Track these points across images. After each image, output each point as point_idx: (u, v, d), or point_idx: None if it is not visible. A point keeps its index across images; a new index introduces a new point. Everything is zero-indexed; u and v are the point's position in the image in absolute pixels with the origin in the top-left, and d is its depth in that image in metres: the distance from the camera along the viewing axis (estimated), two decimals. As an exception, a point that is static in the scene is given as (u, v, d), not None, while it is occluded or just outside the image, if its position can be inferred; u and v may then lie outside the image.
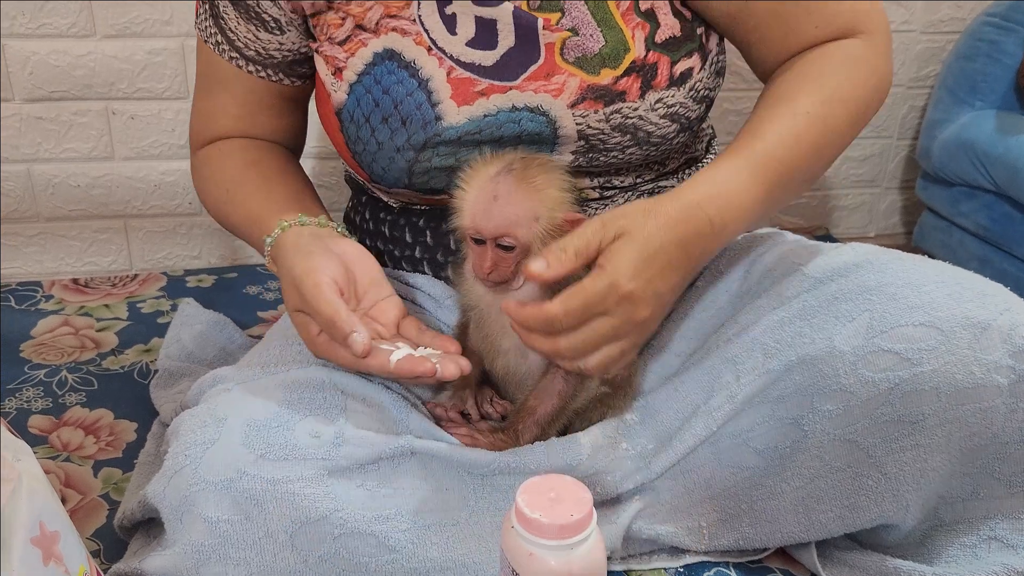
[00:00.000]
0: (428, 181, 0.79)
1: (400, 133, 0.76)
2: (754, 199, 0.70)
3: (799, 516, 0.74)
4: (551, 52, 0.75)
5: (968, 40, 1.42)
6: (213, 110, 0.88)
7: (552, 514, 0.56)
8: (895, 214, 1.69)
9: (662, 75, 0.76)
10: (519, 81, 0.75)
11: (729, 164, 0.71)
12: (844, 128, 0.75)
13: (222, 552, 0.64)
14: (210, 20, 0.83)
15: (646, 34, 0.75)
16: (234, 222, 0.86)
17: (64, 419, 0.99)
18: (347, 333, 0.66)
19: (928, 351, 0.67)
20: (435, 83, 0.75)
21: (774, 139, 0.72)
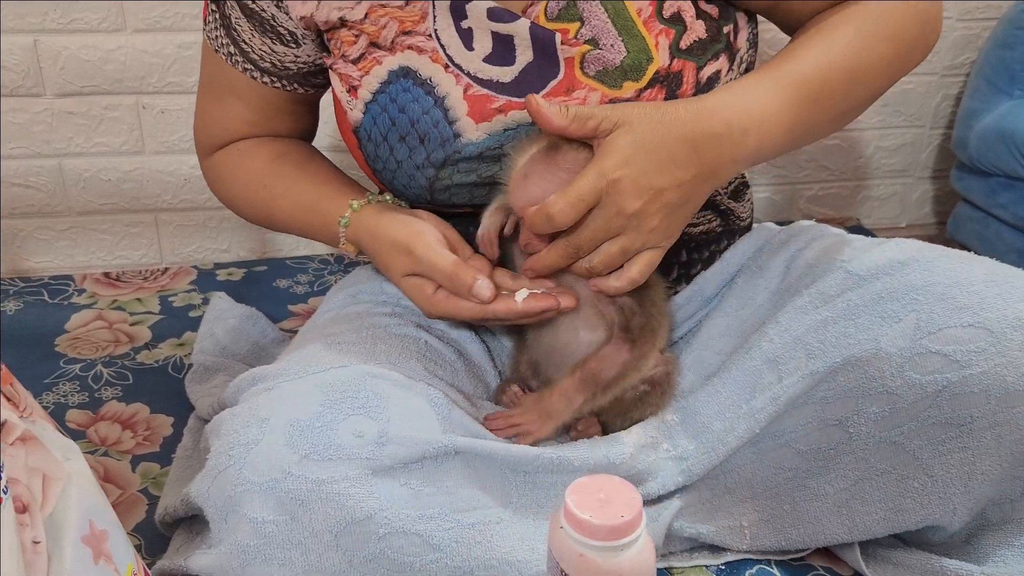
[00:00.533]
0: (450, 197, 0.78)
1: (419, 151, 0.75)
2: (779, 111, 0.70)
3: (842, 518, 0.73)
4: (571, 66, 0.73)
5: (1007, 28, 1.39)
6: (224, 117, 0.87)
7: (602, 515, 0.56)
8: (927, 204, 1.67)
9: (688, 83, 0.74)
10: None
11: (753, 78, 0.71)
12: (883, 65, 0.74)
13: (267, 553, 0.64)
14: (221, 31, 0.81)
15: (671, 40, 0.73)
16: (279, 216, 0.85)
17: (101, 413, 1.00)
18: (470, 283, 0.69)
19: (977, 353, 0.66)
20: (451, 100, 0.74)
21: (806, 61, 0.71)
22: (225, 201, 0.92)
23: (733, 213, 0.87)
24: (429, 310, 0.74)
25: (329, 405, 0.66)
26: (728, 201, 0.86)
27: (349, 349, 0.73)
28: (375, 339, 0.75)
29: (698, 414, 0.77)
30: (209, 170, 0.91)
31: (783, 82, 0.71)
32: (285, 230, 0.88)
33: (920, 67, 1.52)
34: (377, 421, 0.66)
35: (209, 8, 0.82)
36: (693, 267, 0.86)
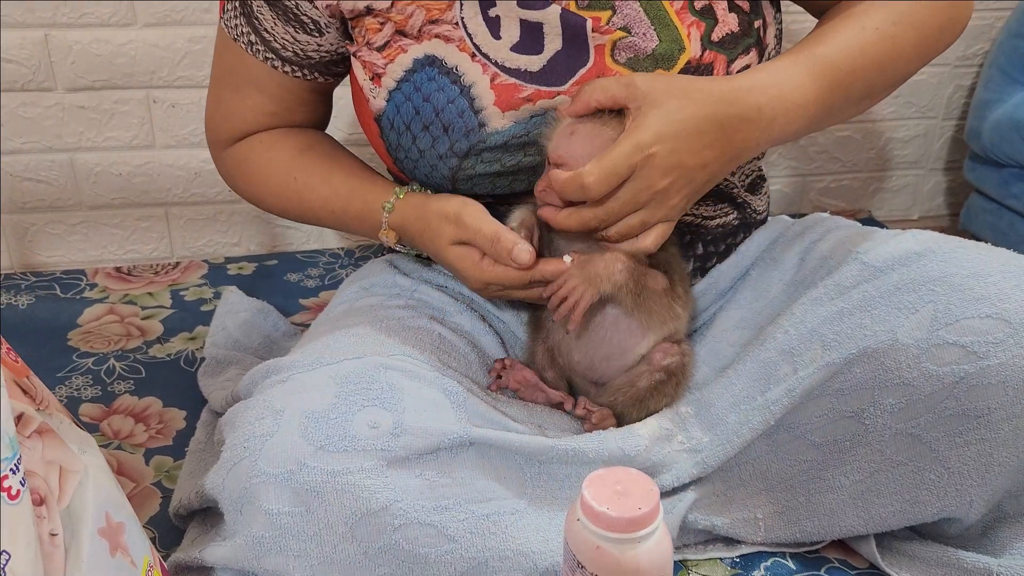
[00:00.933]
0: (472, 187, 0.78)
1: (442, 141, 0.75)
2: (808, 99, 0.70)
3: (858, 510, 0.73)
4: (601, 55, 0.73)
5: (1020, 17, 1.38)
6: (243, 108, 0.86)
7: (619, 507, 0.56)
8: (939, 196, 1.66)
9: (718, 75, 0.74)
10: (567, 86, 0.73)
11: (787, 61, 0.71)
12: (911, 51, 0.75)
13: (282, 544, 0.64)
14: (241, 19, 0.81)
15: (702, 32, 0.73)
16: (311, 205, 0.85)
17: (114, 407, 1.00)
18: (510, 247, 0.70)
19: (995, 344, 0.66)
20: (478, 89, 0.73)
21: (837, 46, 0.72)
22: (245, 193, 0.91)
23: (750, 206, 0.86)
24: (477, 276, 0.74)
25: (343, 396, 0.66)
26: (745, 194, 0.86)
27: (363, 341, 0.73)
28: (389, 331, 0.75)
29: (713, 406, 0.76)
30: (227, 162, 0.90)
31: (816, 69, 0.71)
32: (315, 220, 0.87)
33: (932, 58, 1.52)
34: (392, 412, 0.66)
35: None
36: (709, 260, 0.86)
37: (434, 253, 0.77)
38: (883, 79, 0.75)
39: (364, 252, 1.39)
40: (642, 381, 0.76)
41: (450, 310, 0.82)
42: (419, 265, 0.88)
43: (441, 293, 0.83)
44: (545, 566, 0.67)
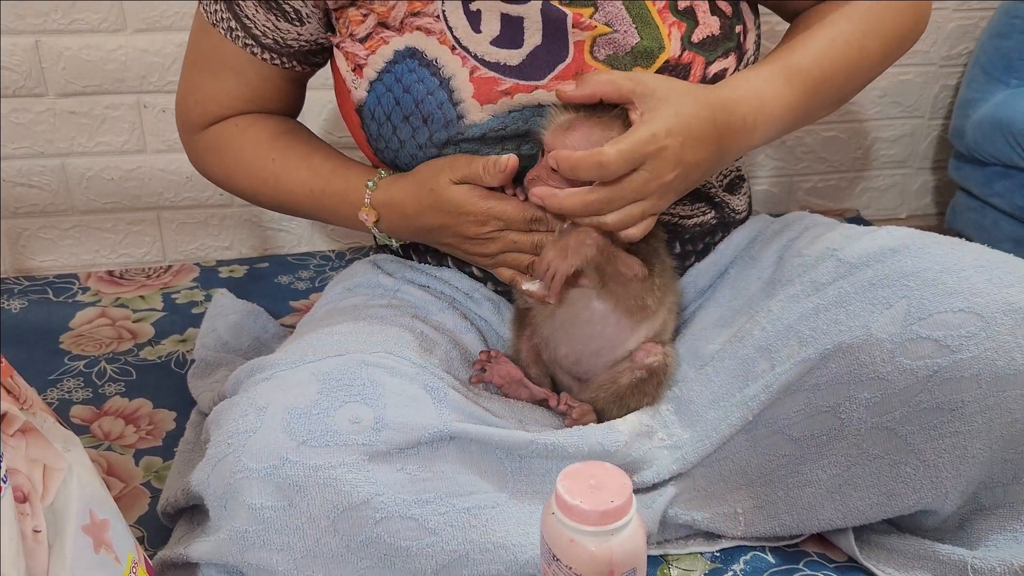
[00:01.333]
0: None
1: (422, 131, 0.76)
2: (784, 109, 0.75)
3: (836, 503, 0.74)
4: (580, 50, 0.74)
5: (1003, 18, 1.39)
6: (217, 93, 0.86)
7: (593, 501, 0.57)
8: (927, 195, 1.67)
9: (694, 76, 0.75)
10: (546, 81, 0.74)
11: (765, 72, 0.75)
12: (877, 57, 0.80)
13: (266, 538, 0.65)
14: (221, 4, 0.81)
15: (683, 33, 0.75)
16: (288, 187, 0.85)
17: (104, 409, 1.01)
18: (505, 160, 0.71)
19: (968, 338, 0.66)
20: (457, 82, 0.74)
21: (810, 57, 0.77)
22: (217, 175, 0.91)
23: (728, 206, 0.87)
24: (481, 208, 0.74)
25: (326, 393, 0.67)
26: (723, 194, 0.87)
27: (345, 339, 0.74)
28: (371, 329, 0.76)
29: (692, 403, 0.77)
30: (198, 144, 0.90)
31: (792, 80, 0.75)
32: (290, 204, 0.87)
33: (918, 58, 1.53)
34: (373, 408, 0.67)
35: None
36: (687, 259, 0.87)
37: (433, 205, 0.76)
38: (852, 85, 0.80)
39: (354, 255, 1.40)
40: (624, 378, 0.77)
41: (432, 308, 0.82)
42: (402, 265, 0.89)
43: (423, 292, 0.84)
44: (525, 559, 0.68)
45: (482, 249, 0.77)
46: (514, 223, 0.74)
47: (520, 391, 0.81)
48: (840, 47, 0.77)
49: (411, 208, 0.78)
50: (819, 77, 0.76)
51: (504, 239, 0.75)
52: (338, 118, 1.33)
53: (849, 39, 0.77)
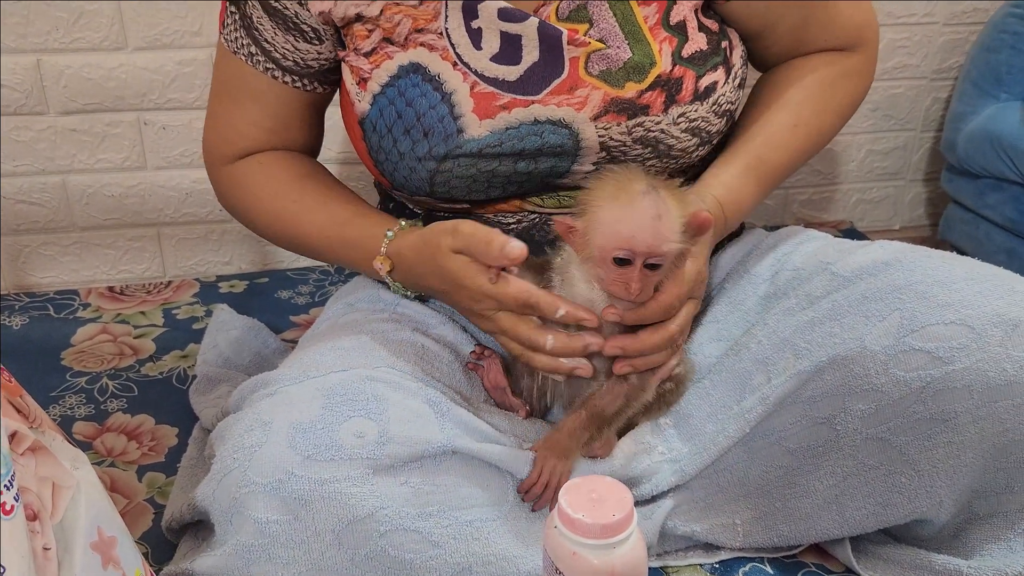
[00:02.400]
0: (449, 191, 0.80)
1: (421, 144, 0.77)
2: (754, 200, 0.84)
3: (833, 513, 0.75)
4: (575, 66, 0.76)
5: (992, 32, 1.42)
6: (240, 123, 0.88)
7: (594, 514, 0.58)
8: (920, 207, 1.69)
9: (687, 89, 0.77)
10: (542, 95, 0.76)
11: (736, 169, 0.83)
12: (830, 133, 0.88)
13: (271, 552, 0.66)
14: (241, 31, 0.83)
15: (673, 48, 0.77)
16: (306, 230, 0.86)
17: (107, 425, 1.02)
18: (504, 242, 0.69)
19: (960, 349, 0.68)
20: (458, 96, 0.76)
21: (772, 145, 0.84)
22: (238, 212, 0.92)
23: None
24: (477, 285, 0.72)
25: (330, 408, 0.68)
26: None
27: (348, 354, 0.75)
28: (373, 344, 0.77)
29: (691, 417, 0.79)
30: (224, 180, 0.91)
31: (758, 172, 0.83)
32: (305, 246, 0.88)
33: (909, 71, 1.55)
34: (377, 423, 0.68)
35: (227, 11, 0.83)
36: None
37: (434, 271, 0.75)
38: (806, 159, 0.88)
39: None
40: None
41: (432, 322, 0.84)
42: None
43: (423, 306, 0.85)
44: (526, 570, 0.69)
45: (479, 323, 0.76)
46: (506, 305, 0.72)
47: (502, 398, 0.82)
48: (800, 133, 0.84)
49: (416, 266, 0.78)
50: (781, 164, 0.85)
51: (497, 322, 0.73)
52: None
53: (809, 122, 0.85)
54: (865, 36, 0.87)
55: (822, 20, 0.84)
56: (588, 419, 0.74)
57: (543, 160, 0.77)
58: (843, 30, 0.85)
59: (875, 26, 0.88)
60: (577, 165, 0.79)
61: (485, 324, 0.75)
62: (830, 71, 0.85)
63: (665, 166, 0.80)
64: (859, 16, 0.86)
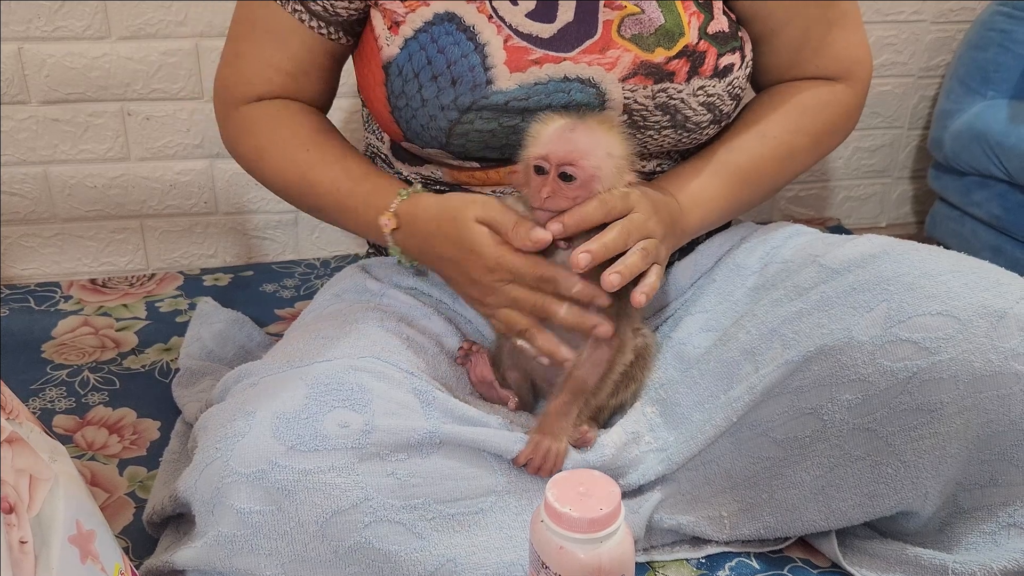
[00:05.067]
0: (465, 144, 0.80)
1: (447, 92, 0.77)
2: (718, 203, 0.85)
3: (819, 505, 0.75)
4: (608, 28, 0.78)
5: (979, 30, 1.42)
6: (261, 65, 0.86)
7: (581, 508, 0.57)
8: (906, 204, 1.69)
9: (708, 64, 0.79)
10: (574, 53, 0.77)
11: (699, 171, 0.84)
12: (806, 156, 0.89)
13: (254, 543, 0.65)
14: None
15: (700, 23, 0.79)
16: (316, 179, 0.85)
17: (88, 418, 1.00)
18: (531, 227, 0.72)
19: (945, 340, 0.68)
20: (491, 48, 0.77)
21: (738, 150, 0.85)
22: (248, 158, 0.90)
23: None
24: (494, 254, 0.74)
25: (314, 398, 0.67)
26: None
27: (333, 344, 0.74)
28: (358, 334, 0.76)
29: (678, 406, 0.79)
30: (236, 123, 0.90)
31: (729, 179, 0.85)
32: (311, 197, 0.87)
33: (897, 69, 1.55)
34: (361, 413, 0.67)
35: None
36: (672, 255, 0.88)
37: (449, 236, 0.76)
38: (782, 178, 0.88)
39: (339, 263, 1.40)
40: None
41: (417, 314, 0.83)
42: (390, 269, 0.89)
43: (409, 297, 0.85)
44: (509, 559, 0.69)
45: (482, 296, 0.77)
46: (523, 278, 0.74)
47: (490, 392, 0.81)
48: (770, 144, 0.86)
49: (430, 229, 0.78)
50: (752, 171, 0.85)
51: (507, 293, 0.75)
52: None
53: (779, 136, 0.86)
54: (855, 72, 0.88)
55: (818, 41, 0.86)
56: (573, 393, 0.74)
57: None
58: (835, 60, 0.87)
59: (868, 66, 0.90)
60: None
61: (491, 298, 0.76)
62: (812, 96, 0.87)
63: (678, 137, 0.82)
64: (854, 51, 0.88)
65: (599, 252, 0.72)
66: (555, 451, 0.73)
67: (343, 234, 1.45)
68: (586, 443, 0.76)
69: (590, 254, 0.71)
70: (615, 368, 0.76)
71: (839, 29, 0.86)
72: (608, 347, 0.75)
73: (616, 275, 0.71)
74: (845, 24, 0.86)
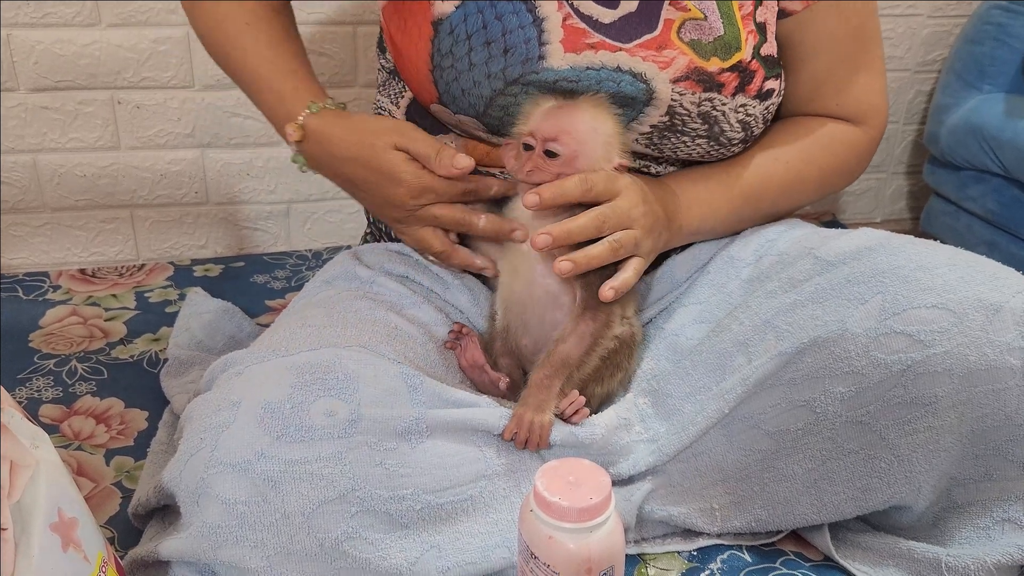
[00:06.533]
0: (502, 117, 0.79)
1: (498, 60, 0.76)
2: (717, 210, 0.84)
3: (812, 498, 0.74)
4: (668, 28, 0.77)
5: (976, 24, 1.42)
6: None
7: (571, 497, 0.57)
8: (902, 199, 1.69)
9: (755, 84, 0.80)
10: (631, 45, 0.77)
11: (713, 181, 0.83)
12: (811, 189, 0.88)
13: (239, 534, 0.64)
14: None
15: (755, 43, 0.79)
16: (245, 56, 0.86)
17: (75, 408, 0.99)
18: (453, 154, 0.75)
19: (940, 333, 0.67)
20: (549, 24, 0.76)
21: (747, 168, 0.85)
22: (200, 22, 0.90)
23: None
24: (415, 181, 0.76)
25: (300, 387, 0.66)
26: None
27: (320, 332, 0.73)
28: (345, 323, 0.75)
29: (670, 396, 0.78)
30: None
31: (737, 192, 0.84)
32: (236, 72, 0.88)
33: (893, 64, 1.54)
34: (348, 402, 0.66)
35: None
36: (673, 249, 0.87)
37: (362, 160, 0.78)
38: (784, 202, 0.87)
39: (331, 254, 1.39)
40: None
41: (406, 303, 0.82)
42: (382, 257, 0.88)
43: (399, 285, 0.84)
44: (492, 543, 0.68)
45: (402, 217, 0.79)
46: (447, 196, 0.76)
47: (481, 376, 0.80)
48: (780, 168, 0.85)
49: (339, 151, 0.80)
50: (757, 191, 0.84)
51: (427, 213, 0.77)
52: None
53: (789, 163, 0.85)
54: (871, 118, 0.88)
55: (842, 80, 0.86)
56: (555, 367, 0.73)
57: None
58: (854, 102, 0.87)
59: (884, 115, 0.90)
60: (636, 123, 0.79)
61: (411, 219, 0.79)
62: (829, 132, 0.87)
63: (708, 149, 0.82)
64: (873, 97, 0.88)
65: (560, 236, 0.72)
66: (539, 424, 0.72)
67: (335, 225, 1.44)
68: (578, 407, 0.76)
69: (550, 236, 0.71)
70: (600, 343, 0.75)
71: (864, 72, 0.86)
72: (592, 320, 0.74)
73: (567, 263, 0.72)
74: (871, 69, 0.87)
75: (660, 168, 0.85)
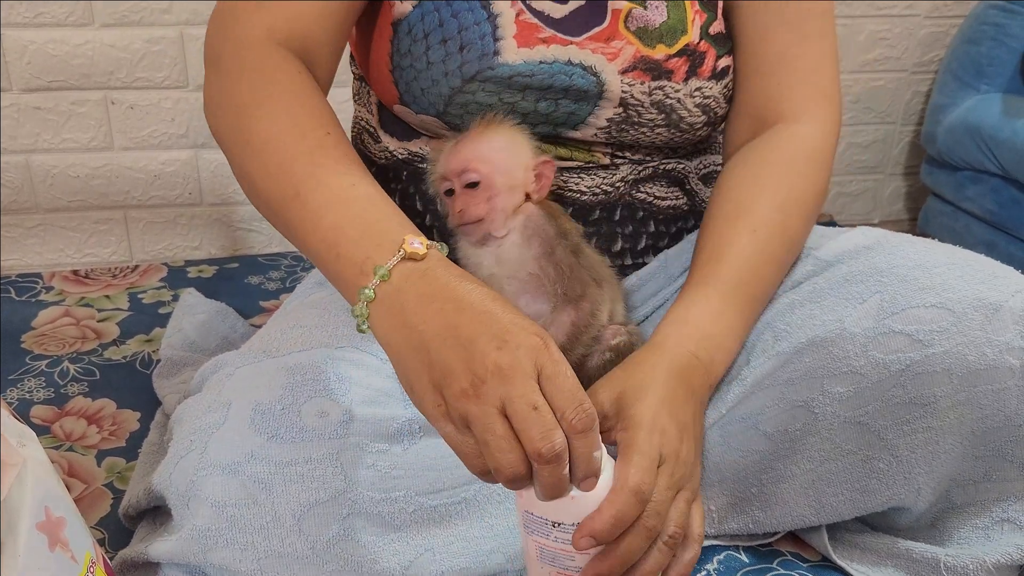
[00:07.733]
0: (462, 115, 0.79)
1: (455, 58, 0.76)
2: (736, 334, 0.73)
3: (810, 499, 0.73)
4: (616, 18, 0.77)
5: (973, 24, 1.42)
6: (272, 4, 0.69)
7: None
8: (899, 200, 1.69)
9: (707, 65, 0.78)
10: (581, 39, 0.77)
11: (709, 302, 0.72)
12: (800, 231, 0.77)
13: (229, 536, 0.63)
14: None
15: (703, 22, 0.78)
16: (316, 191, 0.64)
17: (66, 409, 0.99)
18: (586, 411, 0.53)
19: (939, 332, 0.67)
20: (503, 20, 0.76)
21: (739, 263, 0.74)
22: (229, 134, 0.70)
23: (698, 196, 0.88)
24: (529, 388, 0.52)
25: (292, 388, 0.65)
26: (697, 182, 0.87)
27: (312, 333, 0.73)
28: (337, 323, 0.74)
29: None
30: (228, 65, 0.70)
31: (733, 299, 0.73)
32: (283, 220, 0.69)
33: (890, 65, 1.54)
34: (340, 403, 0.65)
35: None
36: (660, 240, 0.87)
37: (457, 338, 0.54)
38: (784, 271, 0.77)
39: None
40: (592, 360, 0.76)
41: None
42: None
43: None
44: (488, 548, 0.68)
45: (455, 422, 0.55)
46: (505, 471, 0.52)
47: None
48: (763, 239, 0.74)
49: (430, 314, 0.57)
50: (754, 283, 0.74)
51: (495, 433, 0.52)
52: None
53: (770, 225, 0.75)
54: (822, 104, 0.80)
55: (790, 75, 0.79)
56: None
57: (564, 104, 0.78)
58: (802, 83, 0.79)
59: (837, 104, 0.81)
60: (593, 117, 0.79)
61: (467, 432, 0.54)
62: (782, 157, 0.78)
63: (671, 136, 0.81)
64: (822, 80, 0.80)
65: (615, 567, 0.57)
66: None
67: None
68: None
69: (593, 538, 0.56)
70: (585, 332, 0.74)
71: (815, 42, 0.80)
72: (575, 310, 0.73)
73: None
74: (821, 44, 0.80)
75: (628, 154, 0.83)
